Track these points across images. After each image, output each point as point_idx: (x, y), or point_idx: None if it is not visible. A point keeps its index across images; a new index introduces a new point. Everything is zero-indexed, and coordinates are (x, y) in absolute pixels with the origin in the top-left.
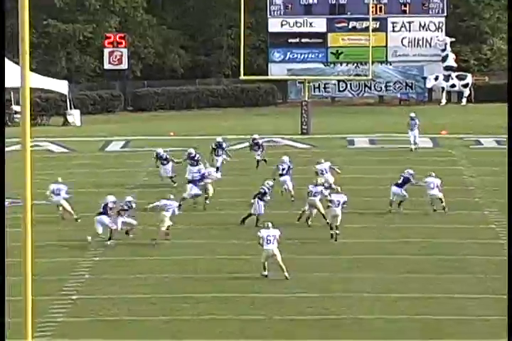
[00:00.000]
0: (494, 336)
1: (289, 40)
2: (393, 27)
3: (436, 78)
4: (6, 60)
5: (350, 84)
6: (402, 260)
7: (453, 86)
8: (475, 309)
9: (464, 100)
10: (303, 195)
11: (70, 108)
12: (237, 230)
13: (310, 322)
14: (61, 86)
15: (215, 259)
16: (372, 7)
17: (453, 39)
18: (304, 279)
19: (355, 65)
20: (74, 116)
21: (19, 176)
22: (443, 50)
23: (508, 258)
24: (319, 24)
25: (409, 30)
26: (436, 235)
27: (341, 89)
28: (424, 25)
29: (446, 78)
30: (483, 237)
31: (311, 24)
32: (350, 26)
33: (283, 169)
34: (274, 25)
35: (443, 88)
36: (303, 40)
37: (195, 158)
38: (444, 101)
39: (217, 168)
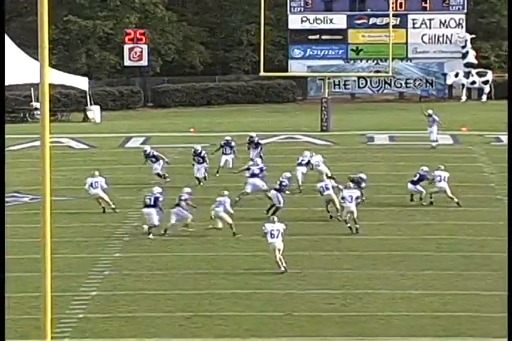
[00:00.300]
0: None
1: (309, 37)
2: (413, 23)
3: (457, 75)
4: (26, 56)
5: (370, 80)
6: (421, 257)
7: (473, 83)
8: (496, 306)
9: (484, 97)
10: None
11: (90, 104)
12: (255, 227)
13: (328, 318)
14: (81, 82)
15: (234, 256)
16: (393, 3)
17: (473, 36)
18: (322, 276)
19: (375, 61)
20: (94, 112)
21: (39, 172)
22: (463, 47)
23: (508, 256)
24: (339, 21)
25: (430, 27)
26: (456, 232)
27: (361, 85)
28: (445, 21)
29: (467, 75)
30: (504, 234)
31: (331, 21)
32: (370, 23)
33: (302, 160)
34: (294, 21)
35: (463, 85)
36: (323, 37)
37: (202, 155)
38: (464, 97)
39: (220, 167)
